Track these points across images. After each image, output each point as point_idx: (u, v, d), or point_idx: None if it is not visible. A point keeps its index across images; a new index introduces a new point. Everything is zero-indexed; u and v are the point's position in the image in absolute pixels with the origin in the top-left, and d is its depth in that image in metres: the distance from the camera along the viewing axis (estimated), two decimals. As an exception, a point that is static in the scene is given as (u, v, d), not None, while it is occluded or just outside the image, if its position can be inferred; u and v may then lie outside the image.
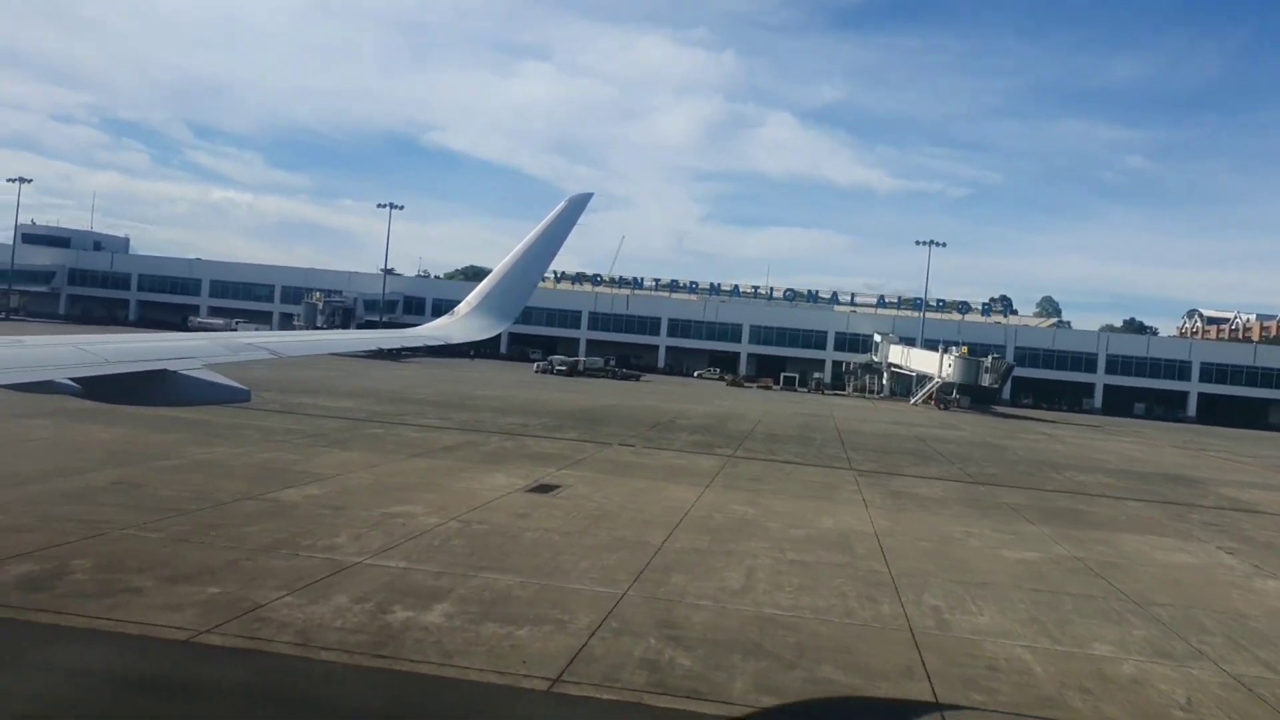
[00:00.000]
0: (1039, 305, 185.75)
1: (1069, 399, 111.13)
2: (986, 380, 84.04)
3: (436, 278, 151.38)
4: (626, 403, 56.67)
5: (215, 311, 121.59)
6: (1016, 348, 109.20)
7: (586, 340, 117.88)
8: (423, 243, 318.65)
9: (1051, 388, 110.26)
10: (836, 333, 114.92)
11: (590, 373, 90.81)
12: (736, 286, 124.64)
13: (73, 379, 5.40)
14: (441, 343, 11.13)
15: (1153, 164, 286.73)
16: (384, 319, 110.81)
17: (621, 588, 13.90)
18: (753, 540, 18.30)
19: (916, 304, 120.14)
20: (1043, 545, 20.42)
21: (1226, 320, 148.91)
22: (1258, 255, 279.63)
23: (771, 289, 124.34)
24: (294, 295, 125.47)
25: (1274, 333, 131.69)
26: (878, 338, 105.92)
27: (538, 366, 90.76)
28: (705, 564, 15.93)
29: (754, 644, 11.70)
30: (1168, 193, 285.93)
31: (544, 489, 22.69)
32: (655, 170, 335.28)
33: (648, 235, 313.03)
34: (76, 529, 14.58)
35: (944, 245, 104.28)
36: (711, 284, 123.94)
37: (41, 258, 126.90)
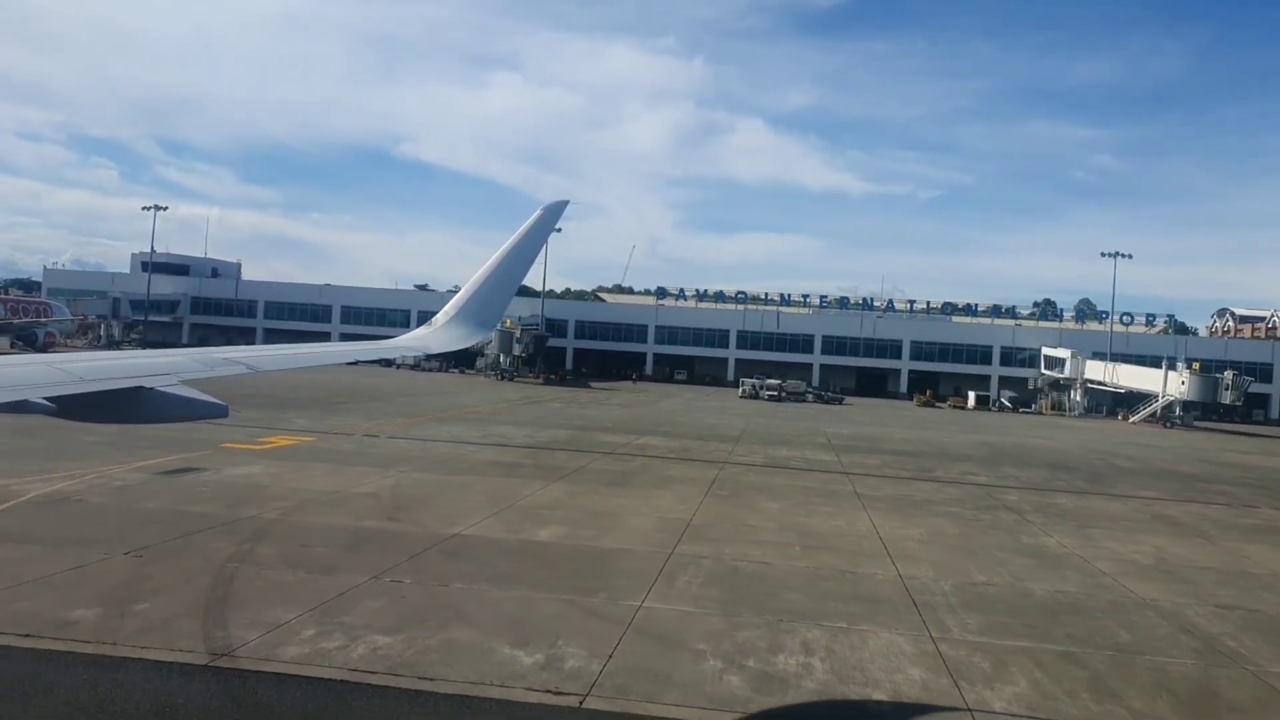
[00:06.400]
0: (1076, 308, 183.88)
1: (1240, 411, 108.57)
2: (1228, 398, 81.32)
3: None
4: (986, 439, 53.38)
5: (347, 339, 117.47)
6: (1187, 358, 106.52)
7: (735, 359, 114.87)
8: (395, 255, 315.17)
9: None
10: (1002, 347, 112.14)
11: (794, 396, 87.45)
12: (890, 301, 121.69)
13: (47, 398, 5.33)
14: (421, 354, 10.85)
15: (1121, 162, 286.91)
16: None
17: None
18: None
19: (1078, 315, 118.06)
20: None
21: (1262, 319, 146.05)
22: (1229, 250, 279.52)
23: (929, 303, 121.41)
24: (428, 320, 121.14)
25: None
26: (1059, 353, 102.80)
27: (743, 391, 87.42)
28: None
29: None
30: (1137, 191, 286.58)
31: None
32: (628, 178, 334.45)
33: (622, 242, 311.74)
34: None
35: (1130, 257, 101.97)
36: (863, 299, 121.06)
37: (164, 286, 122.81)
